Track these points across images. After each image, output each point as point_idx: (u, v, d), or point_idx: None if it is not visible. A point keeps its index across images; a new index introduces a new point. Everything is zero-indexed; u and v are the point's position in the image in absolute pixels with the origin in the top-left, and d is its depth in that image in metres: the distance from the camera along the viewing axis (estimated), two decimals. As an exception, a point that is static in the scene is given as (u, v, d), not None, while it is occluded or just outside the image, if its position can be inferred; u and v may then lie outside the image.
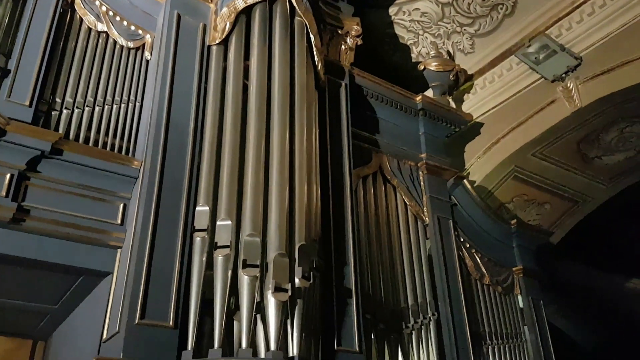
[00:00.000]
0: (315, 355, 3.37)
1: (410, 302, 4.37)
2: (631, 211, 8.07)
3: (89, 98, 3.53)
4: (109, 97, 3.60)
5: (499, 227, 5.46)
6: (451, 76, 5.85)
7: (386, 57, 6.43)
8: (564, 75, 5.53)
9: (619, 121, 5.77)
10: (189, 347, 2.90)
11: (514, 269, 5.42)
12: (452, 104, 6.03)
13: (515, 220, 5.62)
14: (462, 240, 5.08)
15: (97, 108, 3.53)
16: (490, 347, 4.78)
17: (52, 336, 4.20)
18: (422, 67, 5.94)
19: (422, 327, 4.29)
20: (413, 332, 4.24)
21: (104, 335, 3.08)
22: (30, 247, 3.05)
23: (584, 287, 8.94)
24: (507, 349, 4.89)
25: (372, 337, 4.03)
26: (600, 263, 8.73)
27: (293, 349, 3.07)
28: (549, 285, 6.01)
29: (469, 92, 6.23)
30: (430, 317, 4.34)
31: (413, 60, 6.35)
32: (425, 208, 4.90)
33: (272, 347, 2.96)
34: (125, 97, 3.67)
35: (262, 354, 3.01)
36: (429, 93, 5.84)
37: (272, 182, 3.46)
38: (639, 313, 9.78)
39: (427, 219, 4.87)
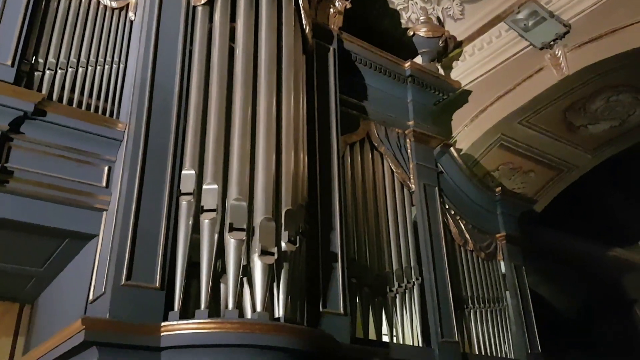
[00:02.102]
0: (300, 317, 3.42)
1: (394, 267, 4.43)
2: (615, 180, 8.18)
3: (72, 59, 3.46)
4: (92, 58, 3.53)
5: (484, 194, 5.52)
6: (440, 42, 5.83)
7: (375, 22, 6.36)
8: (552, 42, 5.52)
9: (606, 90, 5.80)
10: (176, 308, 2.92)
11: (497, 235, 5.50)
12: (441, 71, 6.01)
13: (500, 188, 5.68)
14: (447, 207, 5.13)
15: (80, 69, 3.46)
16: (472, 310, 4.89)
17: (38, 299, 4.21)
18: (411, 33, 5.90)
19: (406, 291, 4.36)
20: (397, 295, 4.32)
21: (90, 297, 3.09)
22: (14, 208, 3.02)
23: (566, 255, 9.11)
24: (488, 312, 5.01)
25: (357, 300, 4.10)
26: (583, 231, 8.88)
27: (279, 311, 3.11)
28: (531, 252, 6.11)
29: (458, 60, 6.21)
30: (414, 282, 4.42)
31: (402, 26, 6.29)
32: (411, 175, 4.93)
33: (259, 309, 3.00)
34: (109, 59, 3.60)
35: (249, 315, 3.05)
36: (418, 60, 5.81)
37: (258, 147, 3.44)
38: (620, 280, 10.02)
39: (413, 186, 4.90)
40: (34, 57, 3.36)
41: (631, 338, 10.13)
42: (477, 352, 4.74)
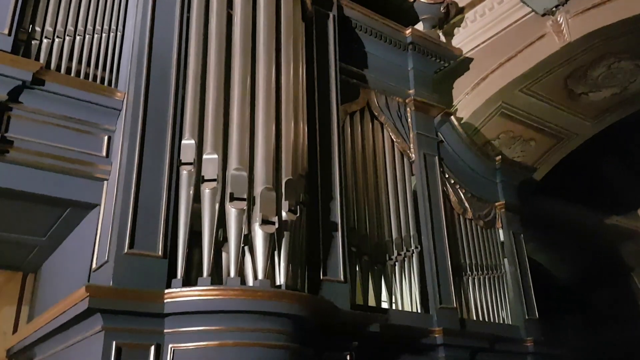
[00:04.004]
0: (301, 284, 3.47)
1: (394, 235, 4.47)
2: (615, 148, 8.18)
3: (70, 27, 3.41)
4: (89, 27, 3.49)
5: (484, 163, 5.52)
6: (442, 9, 5.74)
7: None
8: (554, 9, 5.45)
9: (607, 57, 5.75)
10: (179, 276, 2.96)
11: (496, 204, 5.54)
12: (442, 38, 5.94)
13: (500, 156, 5.68)
14: (447, 176, 5.14)
15: (77, 37, 3.42)
16: (470, 277, 4.95)
17: (41, 268, 4.26)
18: (412, -1, 5.81)
19: (405, 259, 4.41)
20: (396, 264, 4.36)
21: (94, 265, 3.13)
22: (15, 178, 3.03)
23: (565, 223, 9.17)
24: (486, 279, 5.07)
25: (357, 268, 4.15)
26: (582, 199, 8.92)
27: (280, 278, 3.15)
28: (530, 220, 6.15)
29: (460, 26, 6.13)
30: (413, 250, 4.47)
31: (404, -9, 6.18)
32: (411, 145, 4.93)
33: (260, 276, 3.04)
34: (106, 27, 3.55)
35: (250, 283, 3.09)
36: (419, 27, 5.73)
37: (258, 117, 3.44)
38: (618, 248, 10.10)
39: (413, 155, 4.90)
40: (31, 26, 3.32)
41: (627, 305, 10.27)
42: (474, 318, 4.82)
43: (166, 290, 2.86)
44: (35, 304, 4.22)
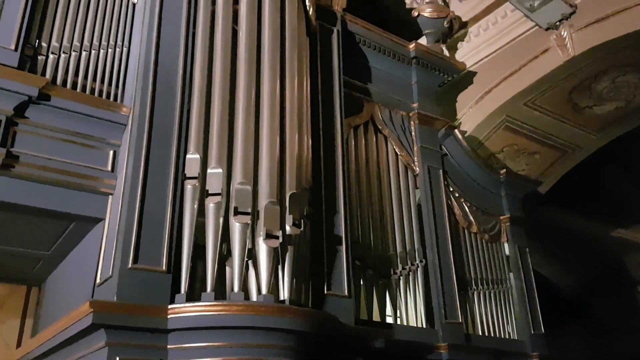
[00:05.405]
0: (305, 299, 3.45)
1: (399, 249, 4.45)
2: (619, 161, 8.15)
3: (76, 43, 3.44)
4: (95, 42, 3.51)
5: (488, 176, 5.51)
6: (445, 23, 5.77)
7: (379, 2, 6.30)
8: (558, 23, 5.46)
9: (611, 70, 5.75)
10: (182, 290, 2.95)
11: (501, 217, 5.52)
12: (446, 52, 5.96)
13: (505, 169, 5.68)
14: (451, 189, 5.13)
15: (83, 53, 3.45)
16: (476, 292, 4.92)
17: (46, 282, 4.26)
18: (416, 14, 5.84)
19: (410, 273, 4.39)
20: (401, 277, 4.34)
21: (98, 280, 3.13)
22: (21, 193, 3.04)
23: (570, 236, 9.13)
24: (492, 294, 5.04)
25: (361, 282, 4.13)
26: (587, 212, 8.89)
27: (284, 293, 3.14)
28: (535, 233, 6.13)
29: (463, 40, 6.15)
30: (417, 264, 4.45)
31: (407, 6, 6.21)
32: (415, 158, 4.93)
33: (264, 291, 3.03)
34: (112, 42, 3.58)
35: (254, 298, 3.08)
36: (423, 41, 5.76)
37: (262, 130, 3.45)
38: (623, 260, 10.05)
39: (417, 168, 4.90)
40: (37, 41, 3.34)
41: (633, 316, 10.21)
42: (480, 333, 4.78)
43: (170, 306, 2.86)
44: (39, 317, 4.21)
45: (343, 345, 3.48)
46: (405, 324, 4.21)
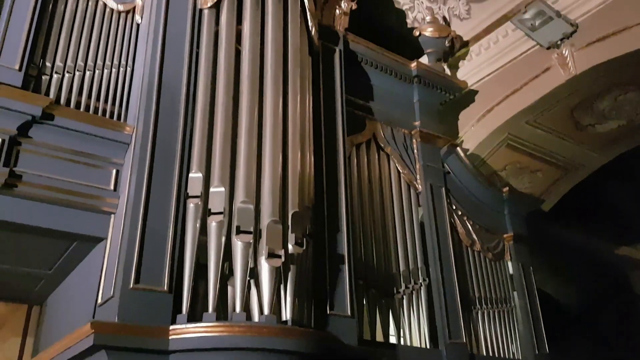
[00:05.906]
0: (308, 319, 3.42)
1: (401, 268, 4.43)
2: (622, 179, 8.14)
3: (80, 62, 3.47)
4: (99, 62, 3.55)
5: (491, 194, 5.49)
6: (446, 42, 5.80)
7: (381, 22, 6.35)
8: (559, 42, 5.49)
9: (613, 89, 5.76)
10: (184, 311, 2.94)
11: (504, 235, 5.48)
12: (447, 71, 5.99)
13: (507, 187, 5.66)
14: (454, 207, 5.11)
15: (87, 72, 3.47)
16: (479, 311, 4.88)
17: (47, 301, 4.24)
18: (417, 33, 5.88)
19: (413, 292, 4.36)
20: (404, 297, 4.31)
21: (99, 300, 3.11)
22: (23, 212, 3.04)
23: (574, 254, 9.08)
24: (496, 313, 4.99)
25: (364, 301, 4.09)
26: (591, 230, 8.85)
27: (286, 314, 3.12)
28: (539, 251, 6.09)
29: (464, 59, 6.18)
30: (421, 283, 4.41)
31: (408, 25, 6.27)
32: (418, 176, 4.92)
33: (266, 311, 3.01)
34: (116, 62, 3.61)
35: (256, 318, 3.06)
36: (424, 59, 5.79)
37: (265, 149, 3.45)
38: (627, 278, 9.99)
39: (419, 186, 4.89)
40: (41, 61, 3.38)
41: (638, 335, 10.11)
42: (484, 353, 4.72)
43: (171, 327, 2.84)
44: (40, 336, 4.18)
45: (346, 366, 3.44)
46: (408, 344, 4.17)
